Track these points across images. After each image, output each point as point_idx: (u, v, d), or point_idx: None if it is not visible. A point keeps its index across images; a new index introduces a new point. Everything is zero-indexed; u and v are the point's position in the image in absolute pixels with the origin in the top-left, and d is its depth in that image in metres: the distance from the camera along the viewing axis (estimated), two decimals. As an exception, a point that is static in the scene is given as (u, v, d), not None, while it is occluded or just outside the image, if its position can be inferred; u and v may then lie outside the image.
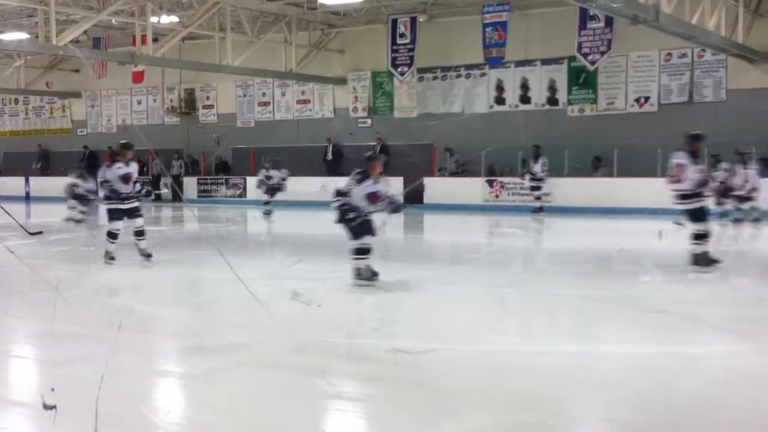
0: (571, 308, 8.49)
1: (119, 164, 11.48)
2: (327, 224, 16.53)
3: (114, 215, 11.53)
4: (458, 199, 21.35)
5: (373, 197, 9.21)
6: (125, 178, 11.42)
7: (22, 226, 8.80)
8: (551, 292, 9.27)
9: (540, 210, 19.70)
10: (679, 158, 10.17)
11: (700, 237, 10.24)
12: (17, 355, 7.04)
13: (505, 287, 9.48)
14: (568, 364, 6.15)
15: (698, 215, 10.24)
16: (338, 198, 9.36)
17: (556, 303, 8.77)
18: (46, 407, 4.84)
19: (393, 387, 5.70)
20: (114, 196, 11.48)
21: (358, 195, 9.22)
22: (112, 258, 11.58)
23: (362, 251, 9.30)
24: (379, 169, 9.43)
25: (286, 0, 22.17)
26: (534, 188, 19.82)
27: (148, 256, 11.77)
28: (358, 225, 9.26)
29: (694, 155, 10.18)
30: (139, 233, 11.76)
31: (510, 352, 6.56)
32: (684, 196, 10.22)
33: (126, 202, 11.52)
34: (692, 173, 10.10)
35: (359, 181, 9.26)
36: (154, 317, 8.37)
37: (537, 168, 19.55)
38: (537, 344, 6.85)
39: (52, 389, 5.00)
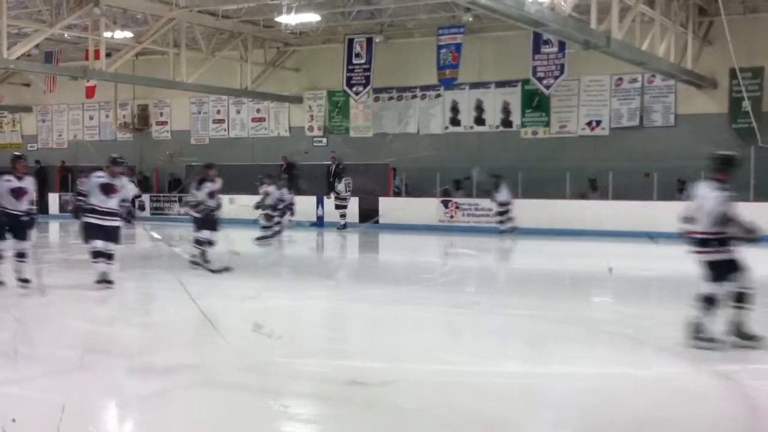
0: (523, 329, 8.56)
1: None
2: (283, 243, 16.45)
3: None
4: (413, 219, 21.43)
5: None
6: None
7: (209, 268, 8.26)
8: (504, 312, 9.36)
9: (513, 230, 19.32)
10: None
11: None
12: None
13: (458, 307, 9.52)
14: (518, 384, 6.21)
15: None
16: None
17: (508, 323, 8.84)
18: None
19: (345, 408, 5.69)
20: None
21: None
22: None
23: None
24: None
25: (242, 17, 22.14)
26: (501, 213, 19.61)
27: None
28: None
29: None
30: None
31: (461, 372, 6.59)
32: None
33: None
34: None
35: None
36: (104, 336, 8.24)
37: (503, 197, 19.41)
38: (488, 364, 6.89)
39: (13, 420, 4.87)
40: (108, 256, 10.58)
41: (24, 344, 7.57)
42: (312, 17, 21.00)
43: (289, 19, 20.97)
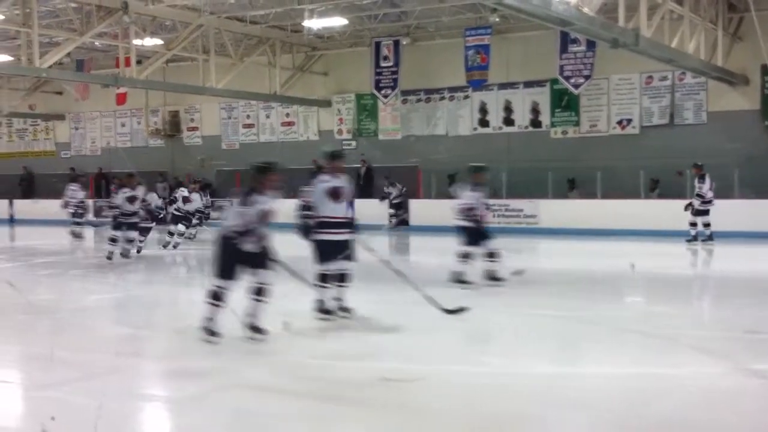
0: (553, 329, 8.54)
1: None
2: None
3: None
4: (444, 221, 21.37)
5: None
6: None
7: (442, 307, 8.06)
8: (533, 313, 9.33)
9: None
10: None
11: None
12: (2, 380, 7.01)
13: (489, 308, 9.52)
14: (549, 385, 6.20)
15: None
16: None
17: (537, 324, 8.82)
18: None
19: (374, 409, 5.72)
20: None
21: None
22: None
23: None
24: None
25: (270, 23, 22.29)
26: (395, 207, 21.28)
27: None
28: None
29: None
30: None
31: (490, 373, 6.60)
32: None
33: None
34: None
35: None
36: (139, 340, 8.36)
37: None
38: (517, 365, 6.88)
39: (53, 418, 4.96)
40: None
41: (61, 349, 7.71)
42: (338, 21, 21.11)
43: (316, 24, 21.11)
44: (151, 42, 21.87)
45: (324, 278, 8.52)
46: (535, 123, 22.69)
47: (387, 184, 22.36)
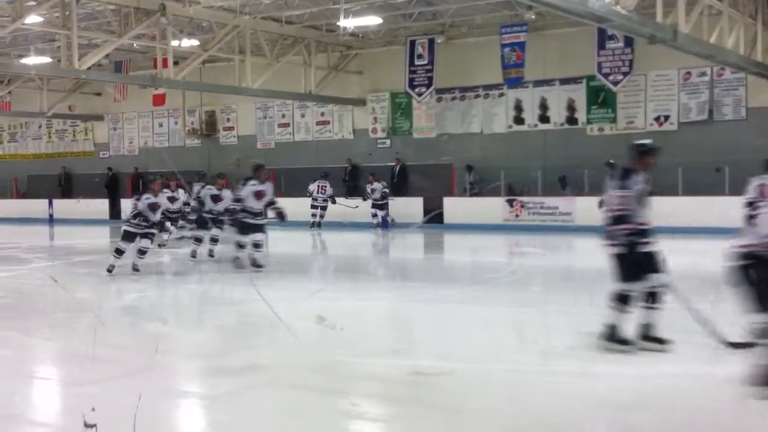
0: (591, 328, 8.44)
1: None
2: (349, 244, 16.62)
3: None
4: (478, 219, 21.37)
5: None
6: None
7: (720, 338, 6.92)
8: (570, 311, 9.25)
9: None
10: None
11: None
12: (43, 377, 7.13)
13: (524, 307, 9.47)
14: (588, 384, 6.14)
15: None
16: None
17: (575, 322, 8.73)
18: (87, 426, 4.88)
19: (412, 407, 5.71)
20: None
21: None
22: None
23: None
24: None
25: (305, 23, 22.36)
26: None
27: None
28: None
29: None
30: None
31: (528, 371, 6.55)
32: None
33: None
34: None
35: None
36: (175, 338, 8.43)
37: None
38: (555, 364, 6.82)
39: (93, 408, 5.03)
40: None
41: (99, 346, 7.80)
42: (373, 20, 21.12)
43: (351, 23, 21.13)
44: (187, 43, 22.06)
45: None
46: (571, 120, 22.50)
47: (371, 181, 22.23)
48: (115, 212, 28.48)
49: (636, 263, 7.11)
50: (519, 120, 23.24)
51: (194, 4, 19.77)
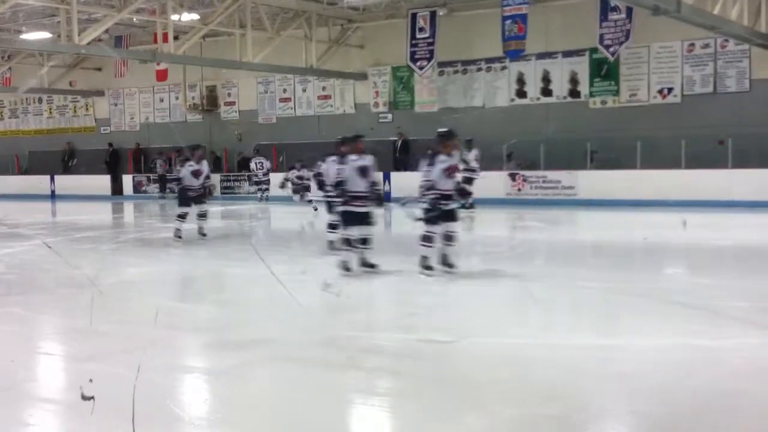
0: (595, 301, 8.45)
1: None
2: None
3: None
4: (480, 193, 21.29)
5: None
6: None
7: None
8: (574, 285, 9.25)
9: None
10: None
11: None
12: (45, 352, 7.13)
13: (528, 280, 9.44)
14: (591, 357, 6.14)
15: None
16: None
17: (579, 296, 8.74)
18: (84, 398, 4.90)
19: (416, 381, 5.71)
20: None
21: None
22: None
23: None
24: None
25: (306, -4, 22.22)
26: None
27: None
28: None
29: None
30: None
31: (533, 345, 6.54)
32: None
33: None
34: None
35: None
36: (178, 313, 8.42)
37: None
38: (560, 337, 6.82)
39: (90, 380, 5.03)
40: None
41: (101, 321, 7.80)
42: (375, -7, 20.97)
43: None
44: (188, 17, 21.91)
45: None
46: (574, 93, 22.39)
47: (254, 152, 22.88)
48: (117, 188, 28.51)
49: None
50: (521, 93, 23.13)
51: (194, -23, 19.63)
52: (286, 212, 20.82)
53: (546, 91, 22.78)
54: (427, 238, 9.66)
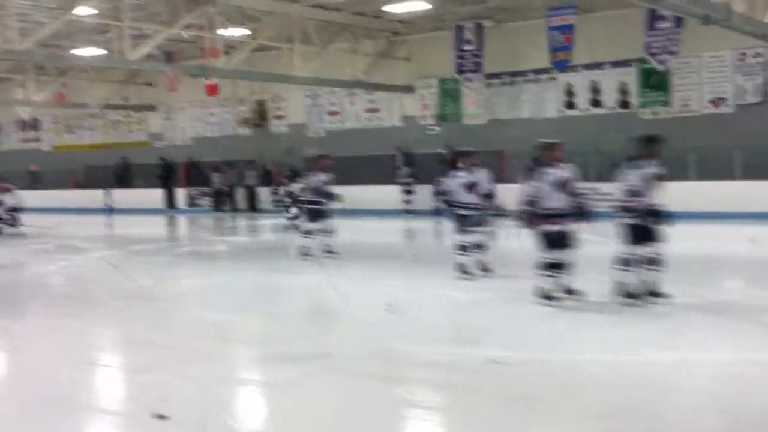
0: (660, 316, 8.30)
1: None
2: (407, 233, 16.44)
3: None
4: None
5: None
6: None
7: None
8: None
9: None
10: None
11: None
12: (101, 363, 7.29)
13: (594, 295, 9.30)
14: (657, 373, 6.07)
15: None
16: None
17: (640, 310, 8.55)
18: (157, 417, 4.98)
19: (472, 396, 5.70)
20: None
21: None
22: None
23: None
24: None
25: (352, 9, 22.35)
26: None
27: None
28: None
29: None
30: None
31: (592, 360, 6.49)
32: None
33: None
34: None
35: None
36: (233, 325, 8.52)
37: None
38: (619, 352, 6.76)
39: (163, 400, 5.09)
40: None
41: (158, 334, 7.96)
42: (421, 5, 21.03)
43: (398, 8, 21.08)
44: (236, 32, 22.22)
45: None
46: (624, 104, 22.18)
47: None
48: (170, 201, 28.94)
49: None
50: (570, 104, 23.00)
51: (243, -8, 19.89)
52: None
53: (595, 102, 22.62)
54: (462, 247, 9.88)
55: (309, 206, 13.05)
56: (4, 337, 8.21)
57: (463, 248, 10.44)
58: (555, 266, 8.58)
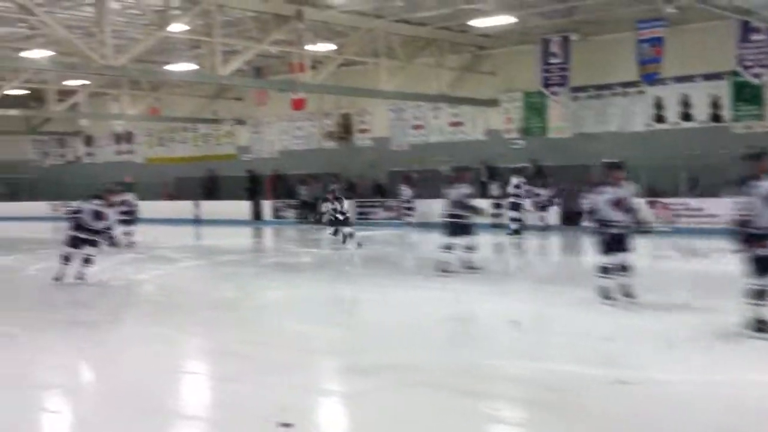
0: (747, 337, 8.00)
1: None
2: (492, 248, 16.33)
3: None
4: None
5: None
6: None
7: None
8: (724, 319, 8.74)
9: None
10: None
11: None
12: (189, 371, 7.50)
13: (671, 312, 9.11)
14: (753, 394, 5.91)
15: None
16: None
17: (728, 331, 8.28)
18: (284, 425, 5.10)
19: (552, 413, 5.64)
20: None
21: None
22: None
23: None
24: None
25: (437, 24, 22.44)
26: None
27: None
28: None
29: None
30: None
31: (676, 381, 6.34)
32: None
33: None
34: None
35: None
36: (314, 336, 8.65)
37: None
38: (710, 372, 6.58)
39: (283, 408, 5.19)
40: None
41: (241, 343, 8.15)
42: (507, 19, 20.97)
43: (484, 23, 21.06)
44: (323, 47, 22.56)
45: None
46: (715, 117, 21.60)
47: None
48: (257, 213, 29.50)
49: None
50: (659, 118, 22.53)
51: (329, 8, 20.20)
52: (422, 239, 21.01)
53: (685, 116, 22.10)
54: (604, 269, 9.53)
55: (450, 220, 12.64)
56: (99, 346, 8.51)
57: (607, 270, 9.66)
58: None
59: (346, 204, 18.26)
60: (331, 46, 22.87)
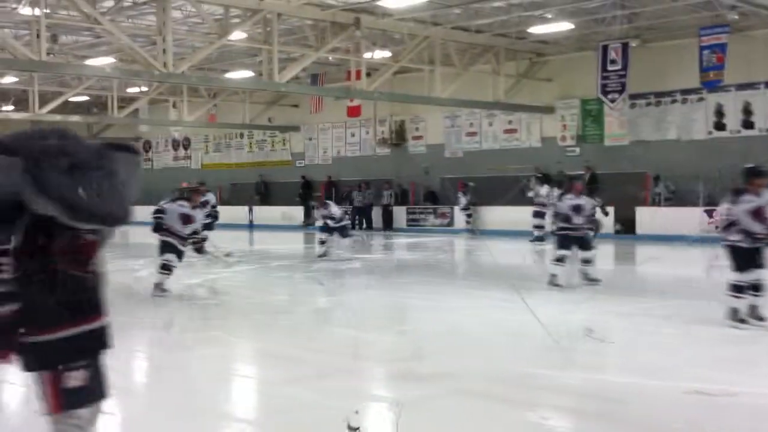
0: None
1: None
2: (516, 253, 16.23)
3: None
4: (673, 230, 20.43)
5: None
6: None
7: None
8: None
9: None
10: None
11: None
12: (241, 374, 7.54)
13: (725, 324, 8.90)
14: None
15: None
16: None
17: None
18: (351, 429, 5.10)
19: (604, 424, 5.55)
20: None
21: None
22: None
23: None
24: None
25: (494, 31, 22.32)
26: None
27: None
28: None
29: None
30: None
31: (733, 392, 6.18)
32: None
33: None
34: None
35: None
36: (365, 342, 8.63)
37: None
38: (753, 383, 6.41)
39: (356, 411, 5.22)
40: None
41: (293, 347, 8.17)
42: (565, 26, 20.77)
43: (542, 30, 20.90)
44: (380, 55, 22.61)
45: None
46: (779, 125, 21.08)
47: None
48: (309, 219, 29.67)
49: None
50: (720, 126, 22.07)
51: (387, 16, 20.24)
52: (470, 245, 20.89)
53: (747, 123, 21.61)
54: (736, 288, 8.52)
55: (560, 232, 12.15)
56: (153, 348, 8.62)
57: (739, 289, 8.64)
58: None
59: (337, 209, 17.30)
60: (386, 54, 22.92)
